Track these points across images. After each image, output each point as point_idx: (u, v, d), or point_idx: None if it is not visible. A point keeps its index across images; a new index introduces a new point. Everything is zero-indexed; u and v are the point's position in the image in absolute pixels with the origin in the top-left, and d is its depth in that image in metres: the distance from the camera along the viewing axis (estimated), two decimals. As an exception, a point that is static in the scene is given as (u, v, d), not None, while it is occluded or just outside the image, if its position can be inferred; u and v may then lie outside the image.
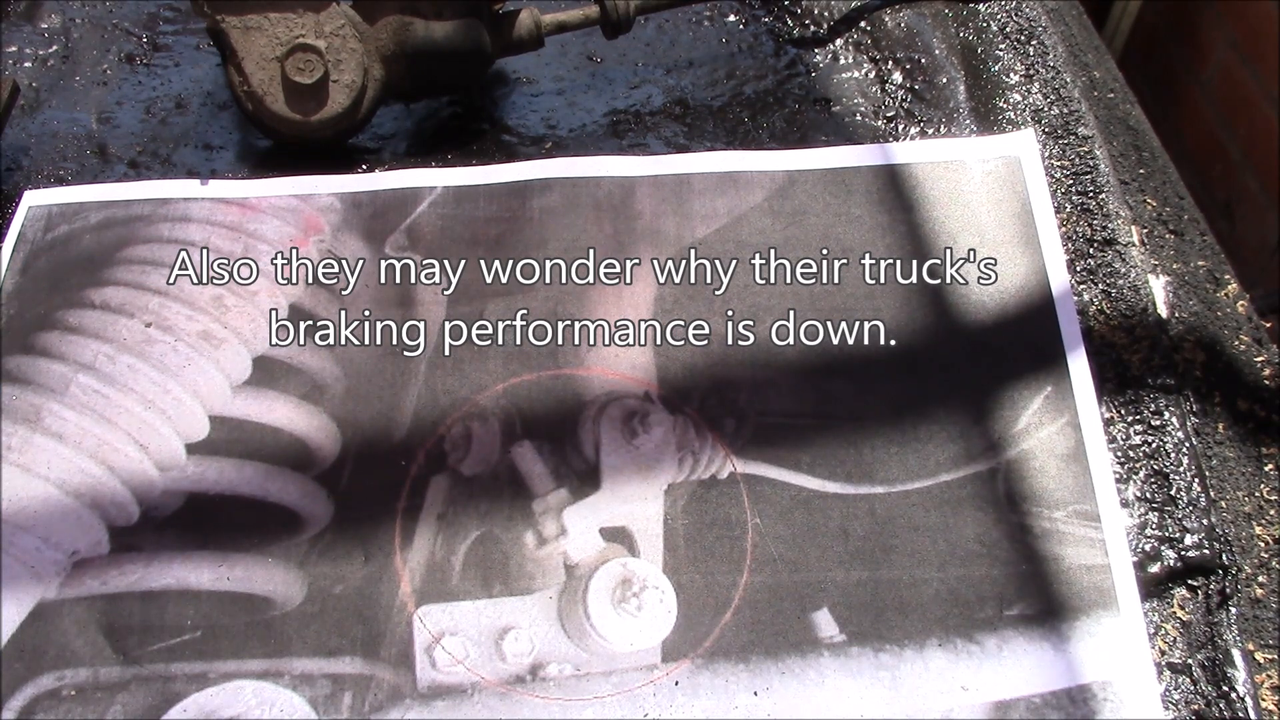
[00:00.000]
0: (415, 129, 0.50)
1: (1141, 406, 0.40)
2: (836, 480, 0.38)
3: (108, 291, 0.43)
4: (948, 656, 0.34)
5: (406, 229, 0.44)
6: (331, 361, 0.41)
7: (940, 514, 0.37)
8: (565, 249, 0.44)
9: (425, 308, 0.42)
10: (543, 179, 0.45)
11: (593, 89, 0.52)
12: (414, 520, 0.37)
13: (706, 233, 0.44)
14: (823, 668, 0.34)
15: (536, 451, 0.39)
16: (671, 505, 0.37)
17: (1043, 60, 0.51)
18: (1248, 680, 0.35)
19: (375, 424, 0.39)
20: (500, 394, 0.40)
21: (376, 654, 0.34)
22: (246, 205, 0.45)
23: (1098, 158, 0.47)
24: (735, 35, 0.54)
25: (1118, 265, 0.44)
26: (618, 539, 0.37)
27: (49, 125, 0.50)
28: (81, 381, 0.40)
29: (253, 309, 0.42)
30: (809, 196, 0.45)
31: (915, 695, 0.34)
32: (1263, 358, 0.43)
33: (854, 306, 0.42)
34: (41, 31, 0.54)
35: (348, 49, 0.45)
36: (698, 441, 0.39)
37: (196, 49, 0.54)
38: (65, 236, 0.45)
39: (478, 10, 0.47)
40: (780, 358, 0.41)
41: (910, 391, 0.40)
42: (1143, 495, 0.38)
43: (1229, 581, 0.37)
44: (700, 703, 0.34)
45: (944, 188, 0.45)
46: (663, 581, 0.36)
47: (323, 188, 0.46)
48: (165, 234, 0.44)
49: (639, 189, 0.45)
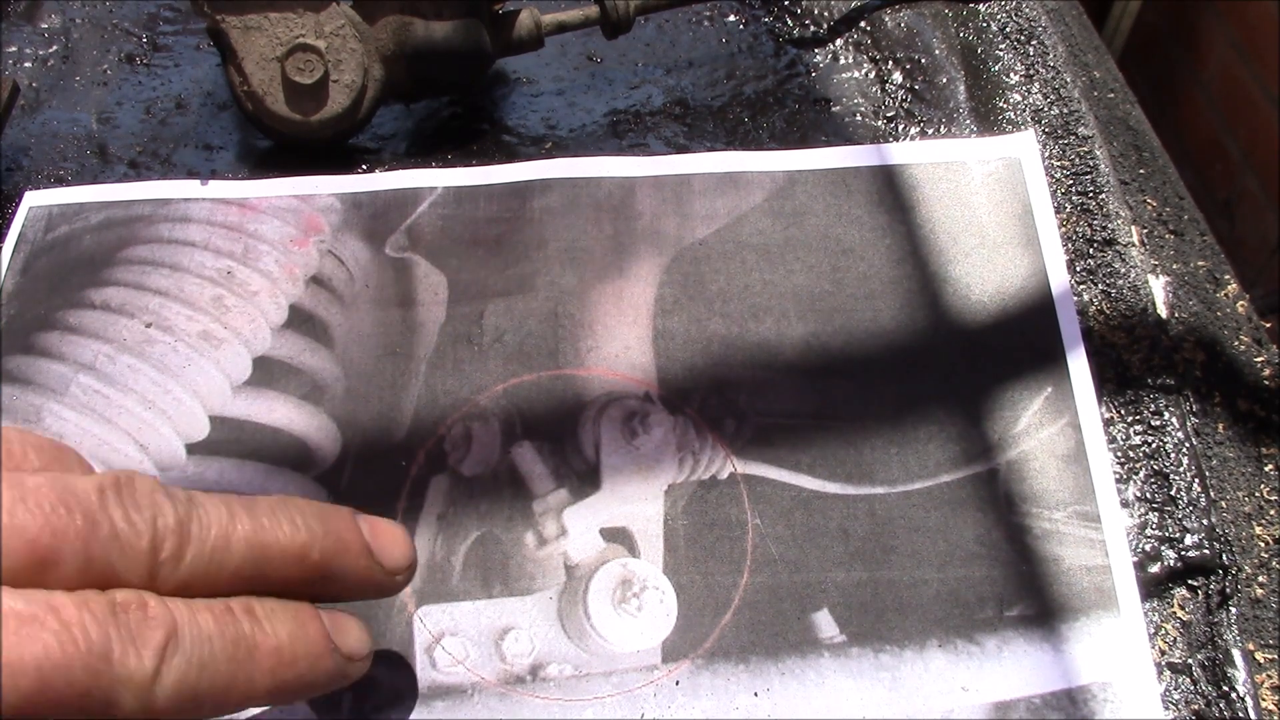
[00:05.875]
0: (415, 129, 0.50)
1: (1141, 406, 0.40)
2: (837, 481, 0.38)
3: (108, 292, 0.43)
4: (948, 657, 0.34)
5: (407, 229, 0.44)
6: (331, 362, 0.41)
7: (940, 515, 0.37)
8: (566, 249, 0.43)
9: (426, 308, 0.42)
10: (543, 179, 0.45)
11: (593, 89, 0.52)
12: (414, 520, 0.37)
13: (707, 233, 0.44)
14: (823, 668, 0.34)
15: (537, 452, 0.39)
16: (672, 506, 0.37)
17: (1043, 60, 0.51)
18: (1248, 680, 0.35)
19: (375, 424, 0.39)
20: (500, 394, 0.40)
21: (376, 654, 0.34)
22: (247, 205, 0.45)
23: (1098, 158, 0.47)
24: (735, 35, 0.54)
25: (1118, 265, 0.44)
26: (618, 539, 0.37)
27: (49, 125, 0.50)
28: (82, 382, 0.40)
29: (253, 309, 0.42)
30: (809, 197, 0.45)
31: (915, 696, 0.34)
32: (1263, 358, 0.43)
33: (854, 307, 0.42)
34: (41, 31, 0.54)
35: (348, 49, 0.45)
36: (698, 442, 0.39)
37: (196, 49, 0.54)
38: (65, 237, 0.45)
39: (478, 10, 0.47)
40: (781, 358, 0.41)
41: (911, 392, 0.40)
42: (1143, 495, 0.38)
43: (1229, 581, 0.37)
44: (700, 703, 0.34)
45: (944, 189, 0.45)
46: (663, 582, 0.36)
47: (323, 188, 0.46)
48: (165, 234, 0.44)
49: (639, 189, 0.45)
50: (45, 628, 0.21)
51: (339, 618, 0.28)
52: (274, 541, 0.26)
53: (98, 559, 0.23)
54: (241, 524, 0.25)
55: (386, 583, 0.29)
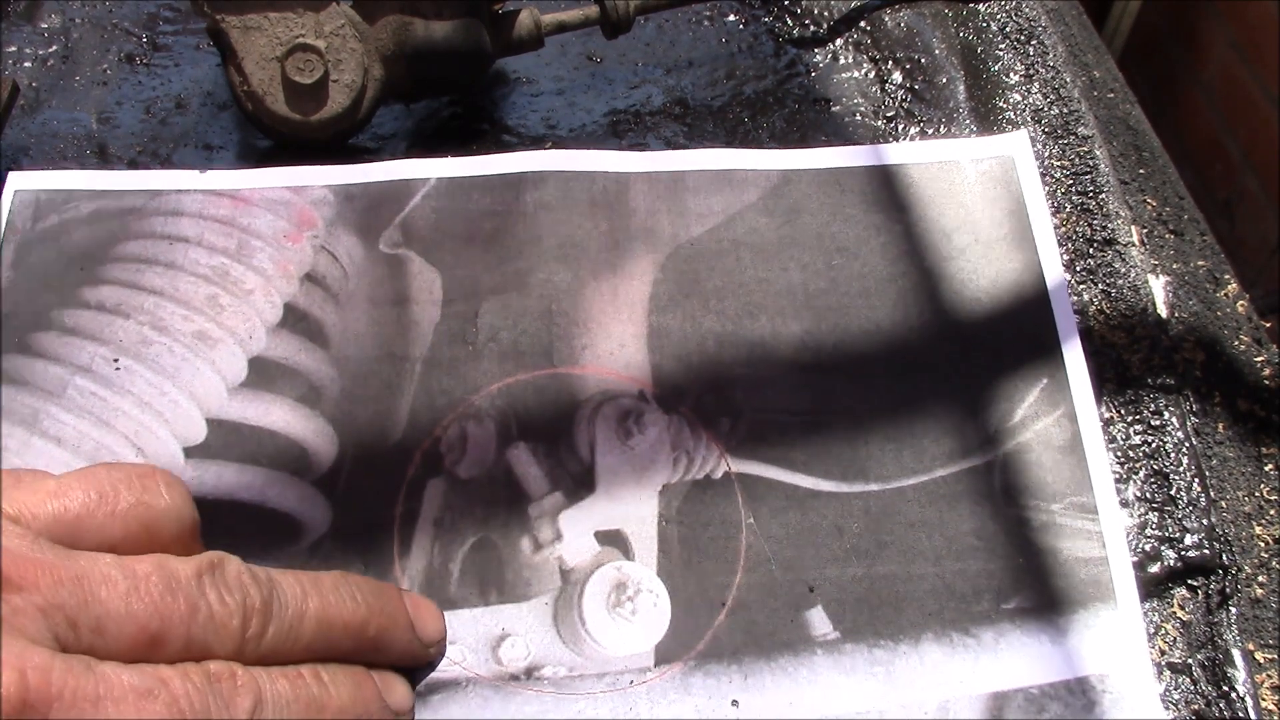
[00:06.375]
0: (415, 129, 0.50)
1: (1141, 406, 0.40)
2: (831, 479, 0.38)
3: (103, 291, 0.42)
4: (944, 651, 0.34)
5: (400, 224, 0.44)
6: (327, 363, 0.41)
7: (936, 509, 0.37)
8: (560, 245, 0.43)
9: (420, 306, 0.42)
10: (537, 172, 0.45)
11: (593, 89, 0.52)
12: (411, 526, 0.37)
13: (702, 231, 0.44)
14: (816, 665, 0.34)
15: (532, 453, 0.39)
16: (666, 506, 0.37)
17: (1043, 60, 0.51)
18: (1248, 680, 0.35)
19: (372, 427, 0.39)
20: (495, 394, 0.40)
21: None
22: (239, 198, 0.45)
23: (1098, 158, 0.47)
24: (735, 35, 0.54)
25: (1118, 265, 0.44)
26: (612, 542, 0.37)
27: (49, 125, 0.50)
28: (78, 384, 0.40)
29: (248, 308, 0.42)
30: (804, 195, 0.45)
31: (910, 690, 0.34)
32: (1263, 358, 0.43)
33: (849, 305, 0.42)
34: (41, 31, 0.54)
35: (348, 49, 0.45)
36: (692, 441, 0.39)
37: (196, 49, 0.54)
38: (56, 228, 0.44)
39: (478, 10, 0.47)
40: (776, 356, 0.41)
41: (906, 388, 0.40)
42: (1143, 495, 0.38)
43: (1229, 581, 0.37)
44: (693, 701, 0.34)
45: (939, 187, 0.45)
46: (657, 585, 0.36)
47: (315, 179, 0.45)
48: (159, 229, 0.44)
49: (634, 185, 0.45)
50: (158, 700, 0.25)
51: (387, 677, 0.31)
52: (338, 616, 0.30)
53: (196, 639, 0.27)
54: (312, 601, 0.29)
55: (422, 654, 0.32)
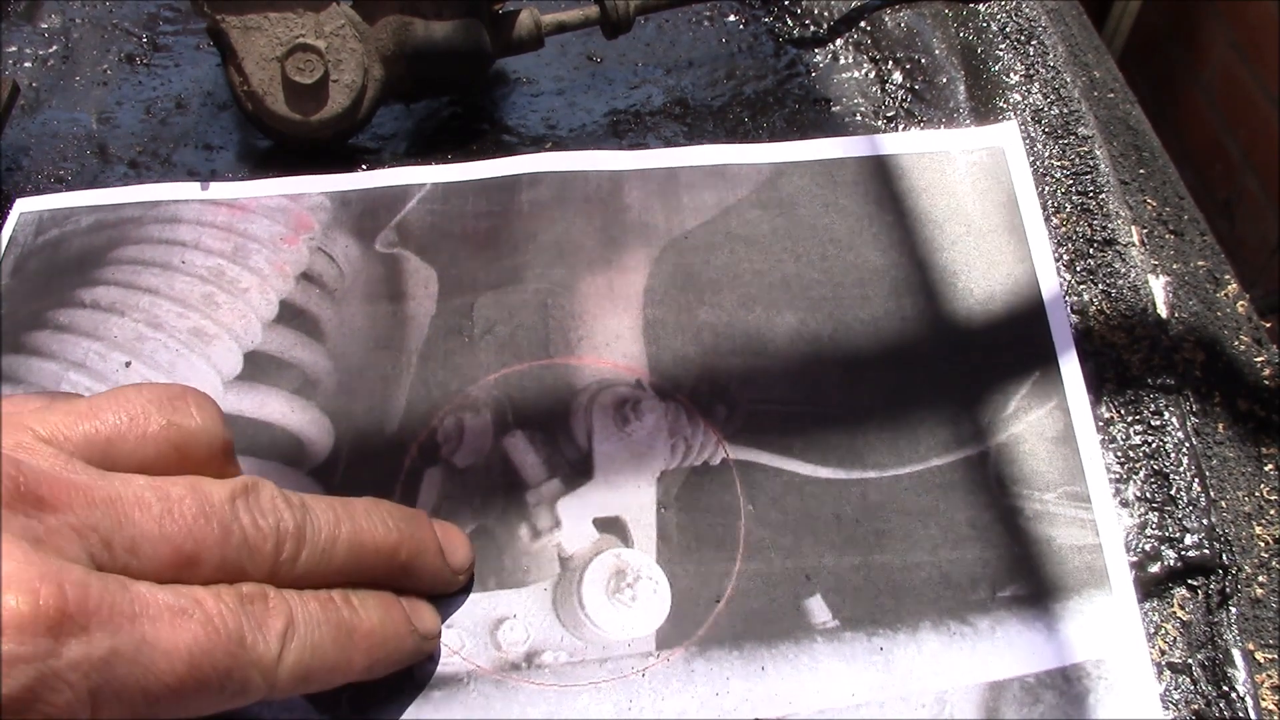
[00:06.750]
0: (415, 129, 0.50)
1: (1141, 406, 0.40)
2: (829, 466, 0.38)
3: (98, 291, 0.43)
4: (941, 639, 0.34)
5: (396, 225, 0.44)
6: (323, 356, 0.41)
7: (932, 498, 0.37)
8: (555, 241, 0.44)
9: (416, 302, 0.42)
10: (532, 173, 0.45)
11: (593, 89, 0.52)
12: None
13: (695, 225, 0.44)
14: (816, 653, 0.34)
15: (529, 441, 0.39)
16: (664, 493, 0.37)
17: (1043, 60, 0.51)
18: (1248, 680, 0.35)
19: (368, 418, 0.39)
20: (492, 385, 0.40)
21: None
22: (237, 206, 0.45)
23: (1098, 158, 0.47)
24: (735, 35, 0.54)
25: (1118, 265, 0.44)
26: (611, 529, 0.37)
27: (49, 125, 0.50)
28: (72, 379, 0.40)
29: (243, 305, 0.42)
30: (796, 188, 0.45)
31: (909, 678, 0.34)
32: (1263, 358, 0.43)
33: (843, 295, 0.42)
34: (41, 31, 0.54)
35: (348, 49, 0.45)
36: (689, 428, 0.39)
37: (196, 49, 0.54)
38: (56, 239, 0.45)
39: (478, 10, 0.47)
40: (771, 346, 0.41)
41: (900, 378, 0.40)
42: (1143, 495, 0.38)
43: (1229, 581, 0.37)
44: (694, 689, 0.34)
45: (930, 178, 0.45)
46: (656, 571, 0.36)
47: (312, 187, 0.46)
48: (156, 235, 0.45)
49: (627, 182, 0.45)
50: (193, 619, 0.25)
51: (415, 603, 0.32)
52: (370, 541, 0.30)
53: (230, 561, 0.27)
54: (344, 526, 0.29)
55: (451, 580, 0.33)
